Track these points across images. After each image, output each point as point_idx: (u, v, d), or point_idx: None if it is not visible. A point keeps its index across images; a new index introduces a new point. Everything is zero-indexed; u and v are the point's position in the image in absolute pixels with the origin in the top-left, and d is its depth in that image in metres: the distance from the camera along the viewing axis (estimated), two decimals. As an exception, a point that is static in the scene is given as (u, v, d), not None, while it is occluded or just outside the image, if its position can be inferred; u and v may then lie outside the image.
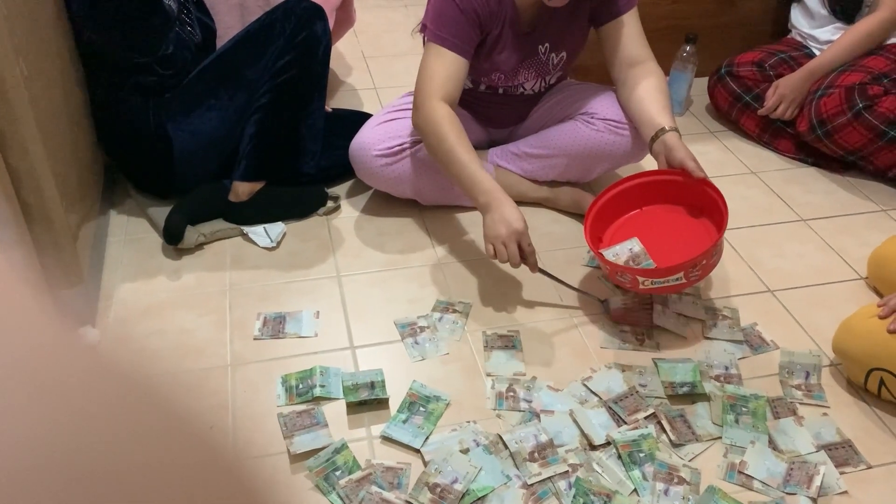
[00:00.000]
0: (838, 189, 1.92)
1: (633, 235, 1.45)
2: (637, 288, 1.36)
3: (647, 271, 1.36)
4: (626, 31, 1.56)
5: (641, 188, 1.49)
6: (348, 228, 1.72)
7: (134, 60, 1.55)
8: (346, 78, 2.41)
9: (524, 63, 1.62)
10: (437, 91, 1.46)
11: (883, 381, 1.28)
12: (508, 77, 1.64)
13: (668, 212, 1.49)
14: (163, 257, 1.61)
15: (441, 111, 1.44)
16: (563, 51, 1.63)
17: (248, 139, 1.61)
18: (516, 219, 1.36)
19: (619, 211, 1.51)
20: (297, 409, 1.27)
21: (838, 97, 1.83)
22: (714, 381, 1.35)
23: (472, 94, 1.72)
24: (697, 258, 1.30)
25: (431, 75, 1.48)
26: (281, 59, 1.58)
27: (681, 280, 1.33)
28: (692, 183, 1.41)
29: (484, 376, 1.34)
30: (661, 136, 1.45)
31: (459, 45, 1.48)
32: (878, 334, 1.26)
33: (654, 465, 1.18)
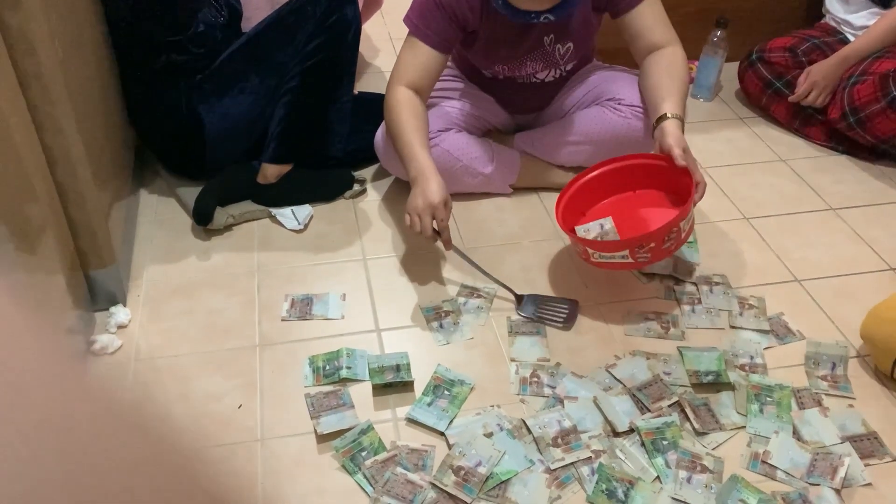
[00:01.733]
0: (869, 178, 1.89)
1: (616, 215, 1.45)
2: (589, 260, 1.39)
3: (595, 244, 1.38)
4: (643, 21, 1.53)
5: (631, 170, 1.50)
6: (374, 212, 1.73)
7: (167, 38, 1.56)
8: (372, 60, 2.41)
9: (530, 55, 1.61)
10: (402, 78, 1.52)
11: None
12: (514, 68, 1.64)
13: (655, 198, 1.49)
14: (192, 238, 1.63)
15: (399, 95, 1.50)
16: (569, 41, 1.61)
17: (278, 122, 1.63)
18: (434, 192, 1.38)
19: (606, 190, 1.52)
20: (323, 390, 1.28)
21: (872, 84, 1.81)
22: (739, 370, 1.35)
23: (493, 82, 1.72)
24: (642, 238, 1.31)
25: (401, 64, 1.54)
26: (311, 43, 1.59)
27: (626, 258, 1.33)
28: (675, 170, 1.40)
29: (508, 361, 1.35)
30: (661, 123, 1.44)
31: (433, 38, 1.51)
32: None
33: (677, 452, 1.19)
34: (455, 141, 1.65)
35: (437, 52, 1.52)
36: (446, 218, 1.40)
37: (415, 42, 1.52)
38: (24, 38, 1.10)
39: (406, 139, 1.45)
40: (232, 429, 1.22)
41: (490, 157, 1.69)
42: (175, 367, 1.33)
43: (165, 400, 1.26)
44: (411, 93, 1.50)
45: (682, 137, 1.40)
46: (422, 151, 1.43)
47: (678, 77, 1.50)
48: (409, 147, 1.44)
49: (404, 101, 1.49)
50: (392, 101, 1.50)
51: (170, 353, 1.35)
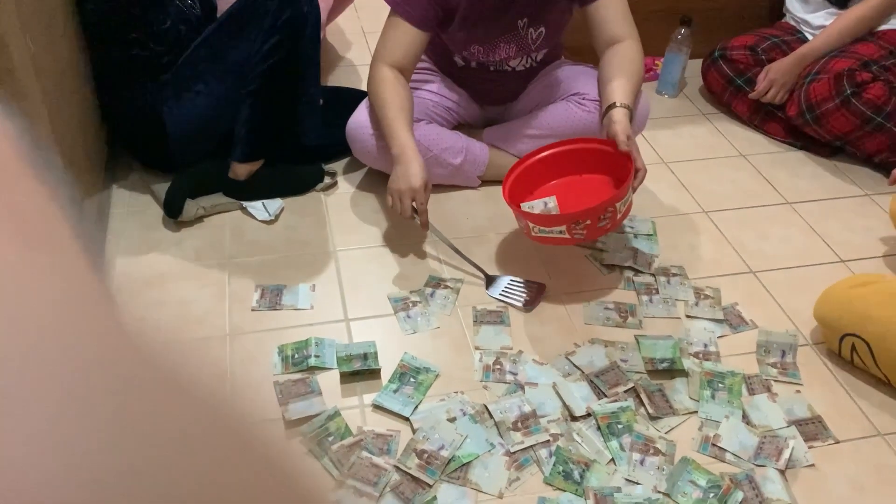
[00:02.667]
0: (825, 173, 1.96)
1: (561, 196, 1.52)
2: (530, 235, 1.44)
3: (534, 217, 1.44)
4: (608, 12, 1.59)
5: (579, 153, 1.55)
6: (345, 204, 1.76)
7: (131, 34, 1.57)
8: (345, 53, 2.44)
9: (504, 37, 1.66)
10: (386, 57, 1.57)
11: (854, 347, 1.35)
12: (488, 51, 1.68)
13: (600, 182, 1.54)
14: (164, 230, 1.65)
15: (382, 73, 1.56)
16: (542, 26, 1.67)
17: (243, 122, 1.63)
18: (415, 175, 1.45)
19: (553, 172, 1.58)
20: (292, 378, 1.32)
21: (827, 83, 1.87)
22: (693, 357, 1.40)
23: (466, 72, 1.77)
24: (578, 214, 1.37)
25: (384, 43, 1.59)
26: (267, 42, 1.56)
27: (564, 234, 1.39)
28: (619, 156, 1.45)
29: (472, 350, 1.40)
30: (609, 112, 1.50)
31: (414, 16, 1.55)
32: (852, 303, 1.35)
33: (631, 436, 1.24)
34: (426, 132, 1.69)
35: (419, 31, 1.56)
36: (425, 201, 1.47)
37: (397, 20, 1.56)
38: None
39: (389, 117, 1.51)
40: (202, 415, 1.26)
41: (460, 149, 1.73)
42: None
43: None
44: (395, 72, 1.56)
45: (628, 126, 1.46)
46: (403, 131, 1.49)
47: (632, 70, 1.55)
48: (391, 126, 1.50)
49: (388, 80, 1.54)
50: (375, 79, 1.56)
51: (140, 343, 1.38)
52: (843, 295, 1.38)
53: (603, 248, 1.64)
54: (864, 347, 1.33)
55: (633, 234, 1.69)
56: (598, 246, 1.65)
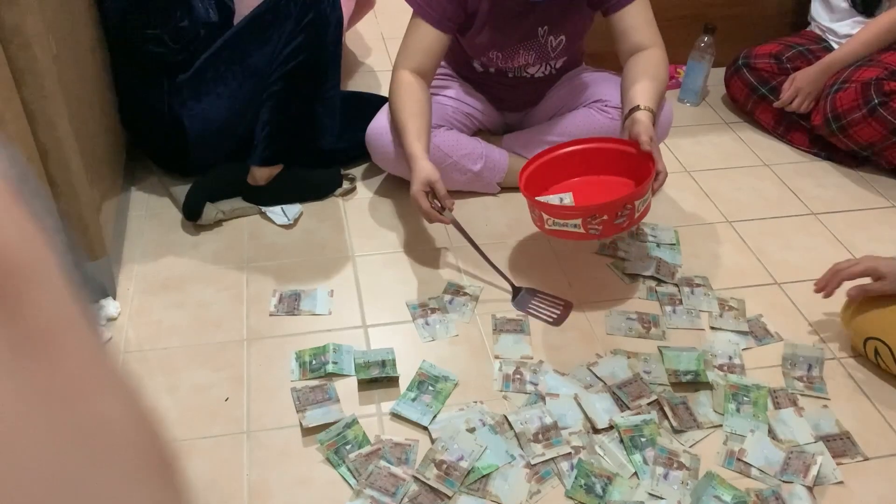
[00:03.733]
0: (850, 184, 1.93)
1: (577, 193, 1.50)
2: (543, 228, 1.41)
3: (549, 208, 1.40)
4: (633, 21, 1.57)
5: (594, 153, 1.52)
6: (363, 209, 1.75)
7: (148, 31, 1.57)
8: (364, 59, 2.43)
9: (523, 44, 1.64)
10: (408, 61, 1.57)
11: (877, 351, 1.34)
12: (507, 57, 1.67)
13: (618, 183, 1.51)
14: (182, 233, 1.65)
15: (402, 78, 1.55)
16: (561, 34, 1.65)
17: (263, 125, 1.63)
18: (422, 168, 1.43)
19: (570, 171, 1.54)
20: (309, 385, 1.31)
21: (854, 92, 1.84)
22: (717, 370, 1.38)
23: (484, 77, 1.75)
24: (595, 208, 1.34)
25: (407, 46, 1.58)
26: (289, 45, 1.57)
27: (579, 228, 1.35)
28: (640, 155, 1.43)
29: (491, 358, 1.38)
30: (633, 114, 1.47)
31: (437, 18, 1.54)
32: (874, 305, 1.34)
33: (654, 449, 1.22)
34: (446, 138, 1.68)
35: (440, 33, 1.56)
36: (443, 189, 1.43)
37: (418, 22, 1.56)
38: (20, 33, 1.12)
39: (402, 123, 1.51)
40: (219, 420, 1.24)
41: (479, 155, 1.72)
42: (163, 359, 1.35)
43: (154, 391, 1.28)
44: (413, 76, 1.55)
45: (651, 127, 1.44)
46: (412, 136, 1.48)
47: (656, 76, 1.53)
48: (402, 131, 1.51)
49: (405, 85, 1.54)
50: (395, 84, 1.56)
51: (159, 345, 1.37)
52: (867, 298, 1.37)
53: (625, 257, 1.62)
54: (886, 351, 1.31)
55: (656, 244, 1.66)
56: (620, 255, 1.63)
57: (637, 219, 1.38)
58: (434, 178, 1.42)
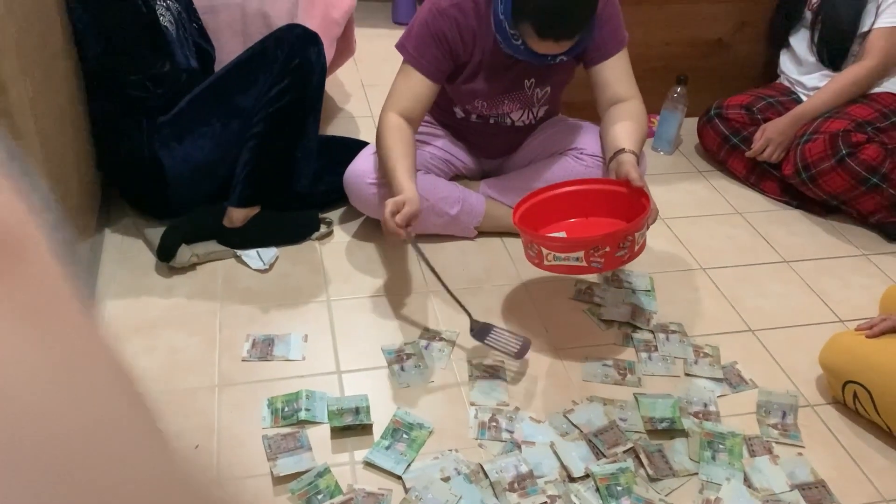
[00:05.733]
0: (821, 232, 1.96)
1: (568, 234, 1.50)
2: (542, 264, 1.39)
3: (552, 242, 1.39)
4: (613, 73, 1.61)
5: (585, 195, 1.53)
6: (340, 253, 1.75)
7: (129, 76, 1.58)
8: (343, 105, 2.45)
9: (509, 94, 1.67)
10: (396, 105, 1.57)
11: (856, 395, 1.35)
12: (491, 105, 1.69)
13: (608, 224, 1.50)
14: (155, 276, 1.63)
15: (391, 120, 1.55)
16: (547, 86, 1.69)
17: (243, 166, 1.64)
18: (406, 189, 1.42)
19: (560, 212, 1.54)
20: (281, 432, 1.28)
21: (823, 143, 1.88)
22: (693, 417, 1.37)
23: (465, 124, 1.77)
24: (598, 239, 1.32)
25: (395, 91, 1.59)
26: (275, 88, 1.60)
27: (581, 261, 1.34)
28: (631, 194, 1.44)
29: (467, 405, 1.36)
30: (618, 156, 1.49)
31: (426, 66, 1.56)
32: (856, 350, 1.35)
33: (630, 498, 1.20)
34: (423, 181, 1.69)
35: (430, 81, 1.57)
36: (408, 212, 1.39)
37: (409, 70, 1.57)
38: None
39: (391, 164, 1.50)
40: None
41: (457, 199, 1.73)
42: (132, 405, 1.32)
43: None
44: (401, 119, 1.56)
45: (638, 168, 1.45)
46: (404, 176, 1.47)
47: (638, 126, 1.57)
48: (392, 172, 1.50)
49: (393, 127, 1.54)
50: (382, 126, 1.56)
51: (127, 391, 1.34)
52: (845, 342, 1.39)
53: (601, 303, 1.62)
54: (865, 395, 1.32)
55: (632, 290, 1.67)
56: (596, 300, 1.63)
57: (637, 252, 1.38)
58: (411, 202, 1.40)
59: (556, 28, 1.40)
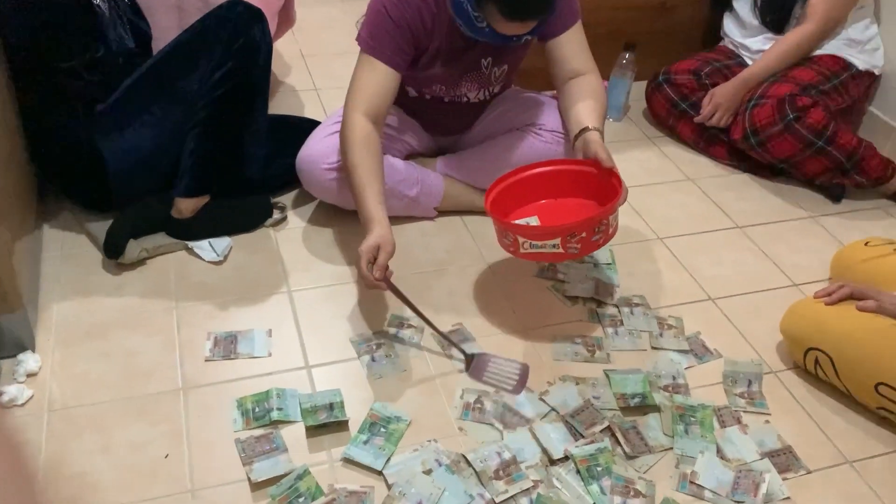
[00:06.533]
0: (770, 195, 2.00)
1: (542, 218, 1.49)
2: (518, 252, 1.38)
3: (528, 230, 1.38)
4: (569, 47, 1.59)
5: (555, 176, 1.52)
6: (296, 240, 1.69)
7: (61, 64, 1.47)
8: (284, 78, 2.36)
9: (466, 76, 1.63)
10: (362, 104, 1.48)
11: (818, 361, 1.39)
12: (450, 88, 1.65)
13: (578, 205, 1.51)
14: (103, 273, 1.55)
15: (356, 127, 1.45)
16: (504, 64, 1.65)
17: (189, 154, 1.55)
18: (377, 235, 1.34)
19: (531, 195, 1.53)
20: (254, 434, 1.25)
21: (770, 108, 1.91)
22: (663, 391, 1.39)
23: (419, 102, 1.72)
24: (574, 226, 1.32)
25: (359, 87, 1.49)
26: (218, 70, 1.50)
27: (558, 248, 1.34)
28: (601, 174, 1.44)
29: (443, 392, 1.35)
30: (582, 134, 1.49)
31: (390, 56, 1.48)
32: (816, 317, 1.39)
33: (611, 478, 1.22)
34: None
35: (393, 71, 1.49)
36: (381, 260, 1.34)
37: (371, 61, 1.48)
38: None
39: (358, 183, 1.41)
40: (160, 480, 1.17)
41: (415, 180, 1.69)
42: (93, 416, 1.25)
43: (85, 452, 1.19)
44: (368, 124, 1.46)
45: (605, 147, 1.45)
46: (371, 200, 1.39)
47: (600, 103, 1.56)
48: (359, 193, 1.41)
49: (361, 137, 1.44)
50: (349, 132, 1.45)
51: (86, 401, 1.28)
52: (806, 309, 1.43)
53: (564, 280, 1.62)
54: (826, 361, 1.36)
55: (593, 264, 1.68)
56: (560, 277, 1.63)
57: (611, 235, 1.38)
58: (385, 244, 1.34)
59: (522, 8, 1.36)
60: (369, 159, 1.42)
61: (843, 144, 1.88)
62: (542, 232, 1.37)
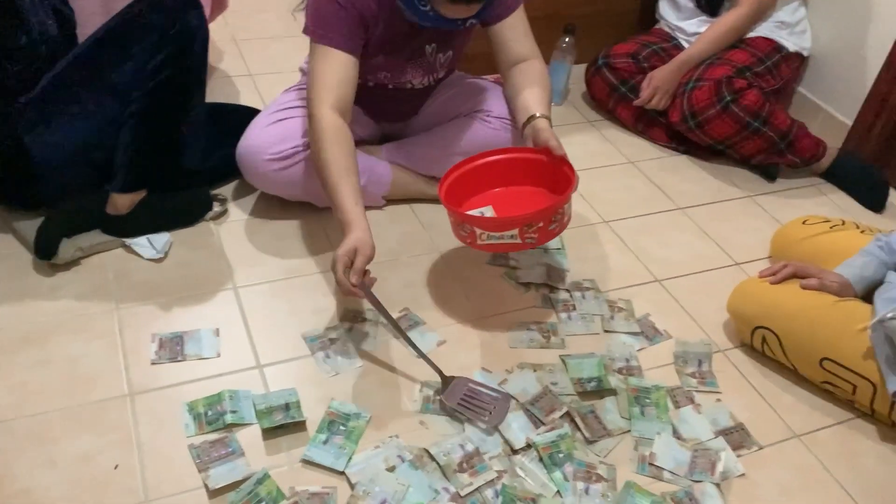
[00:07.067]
0: (709, 177, 2.04)
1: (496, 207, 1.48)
2: (475, 243, 1.37)
3: (486, 222, 1.38)
4: (512, 32, 1.58)
5: (507, 164, 1.51)
6: (240, 234, 1.64)
7: None
8: (217, 64, 2.27)
9: (411, 62, 1.60)
10: (328, 97, 1.41)
11: (765, 339, 1.43)
12: (395, 75, 1.62)
13: (528, 192, 1.51)
14: (35, 275, 1.46)
15: (325, 122, 1.39)
16: (449, 50, 1.63)
17: (124, 148, 1.47)
18: (355, 238, 1.28)
19: (483, 184, 1.52)
20: (209, 439, 1.20)
21: (708, 90, 1.94)
22: (617, 374, 1.41)
23: (362, 90, 1.67)
24: (532, 216, 1.32)
25: (321, 80, 1.42)
26: (153, 59, 1.43)
27: (516, 238, 1.34)
28: (553, 162, 1.44)
29: (401, 387, 1.33)
30: (531, 122, 1.49)
31: (345, 42, 1.43)
32: (762, 296, 1.43)
33: (573, 464, 1.23)
34: None
35: (353, 57, 1.43)
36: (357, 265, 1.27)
37: (326, 51, 1.42)
38: None
39: (332, 182, 1.34)
40: (111, 493, 1.11)
41: (362, 170, 1.65)
42: (35, 427, 1.19)
43: (29, 468, 1.13)
44: (337, 118, 1.39)
45: (555, 135, 1.45)
46: (348, 198, 1.33)
47: (545, 88, 1.56)
48: (335, 193, 1.34)
49: (332, 133, 1.37)
50: (319, 129, 1.38)
51: (27, 412, 1.21)
52: (752, 288, 1.46)
53: (517, 266, 1.62)
54: (773, 339, 1.40)
55: (544, 250, 1.68)
56: (512, 264, 1.63)
57: (566, 223, 1.39)
58: (363, 247, 1.28)
59: None
60: (342, 155, 1.36)
61: (778, 125, 1.93)
62: (500, 223, 1.36)
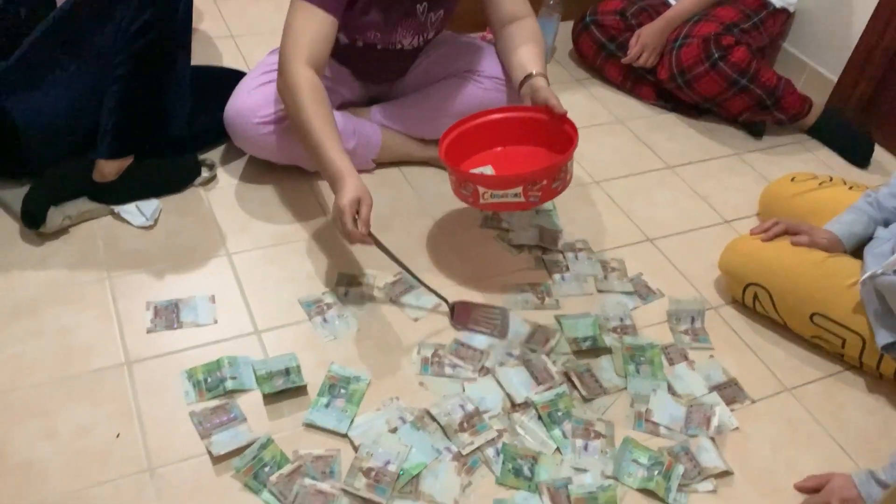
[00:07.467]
0: (696, 134, 2.05)
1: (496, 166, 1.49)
2: (477, 203, 1.38)
3: (489, 180, 1.38)
4: None
5: (506, 123, 1.51)
6: (229, 200, 1.62)
7: None
8: (198, 25, 2.22)
9: (402, 22, 1.57)
10: (302, 54, 1.38)
11: (756, 296, 1.44)
12: (385, 35, 1.59)
13: (527, 151, 1.51)
14: (24, 245, 1.44)
15: (301, 78, 1.35)
16: (440, 9, 1.60)
17: (109, 113, 1.44)
18: (354, 187, 1.27)
19: (483, 143, 1.52)
20: (209, 406, 1.20)
21: (696, 47, 1.94)
22: (612, 333, 1.43)
23: (350, 50, 1.65)
24: (536, 173, 1.32)
25: (297, 36, 1.39)
26: (136, 21, 1.39)
27: (519, 197, 1.34)
28: (553, 121, 1.44)
29: (400, 348, 1.34)
30: (529, 80, 1.48)
31: (326, 1, 1.40)
32: (755, 254, 1.44)
33: (571, 422, 1.25)
34: None
35: (330, 16, 1.40)
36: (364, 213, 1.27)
37: (305, 6, 1.38)
38: None
39: (315, 138, 1.31)
40: (113, 462, 1.11)
41: (352, 132, 1.64)
42: (32, 400, 1.18)
43: (28, 440, 1.12)
44: (312, 74, 1.36)
45: (554, 93, 1.44)
46: (334, 151, 1.30)
47: (540, 46, 1.55)
48: (319, 147, 1.31)
49: (307, 88, 1.34)
50: (293, 84, 1.35)
51: (23, 384, 1.20)
52: (743, 246, 1.48)
53: (509, 228, 1.62)
54: (765, 295, 1.42)
55: (535, 211, 1.68)
56: (504, 226, 1.63)
57: (568, 181, 1.39)
58: (364, 196, 1.27)
59: None
60: (322, 111, 1.34)
61: (765, 82, 1.93)
62: (504, 181, 1.35)
